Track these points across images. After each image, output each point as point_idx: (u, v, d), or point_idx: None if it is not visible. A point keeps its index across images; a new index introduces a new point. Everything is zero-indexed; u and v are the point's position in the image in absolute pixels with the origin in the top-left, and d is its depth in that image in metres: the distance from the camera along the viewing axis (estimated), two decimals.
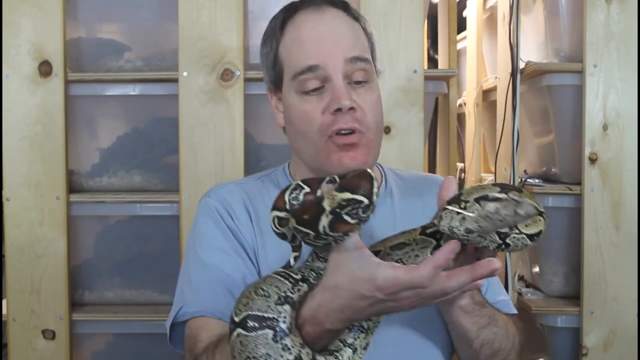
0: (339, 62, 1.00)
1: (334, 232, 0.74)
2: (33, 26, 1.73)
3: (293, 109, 1.03)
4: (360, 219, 0.74)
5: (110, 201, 1.79)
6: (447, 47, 2.18)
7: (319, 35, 1.02)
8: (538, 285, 2.01)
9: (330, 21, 1.03)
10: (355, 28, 1.06)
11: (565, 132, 1.87)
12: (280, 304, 0.77)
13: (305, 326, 0.80)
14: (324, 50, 1.00)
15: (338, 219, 0.73)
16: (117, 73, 1.81)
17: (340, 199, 0.74)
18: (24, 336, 1.75)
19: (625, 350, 1.79)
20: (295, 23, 1.04)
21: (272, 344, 0.75)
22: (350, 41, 1.02)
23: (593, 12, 1.77)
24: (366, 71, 1.03)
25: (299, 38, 1.03)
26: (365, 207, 0.74)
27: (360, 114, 1.00)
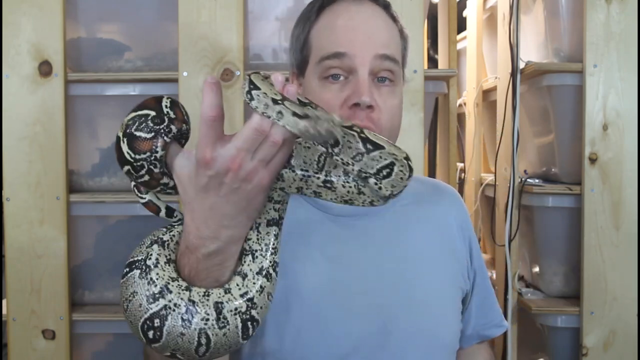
0: (368, 56, 0.97)
1: (140, 153, 0.74)
2: (33, 26, 1.73)
3: (313, 94, 1.01)
4: (154, 130, 0.74)
5: (110, 201, 1.79)
6: (447, 47, 2.18)
7: (354, 25, 0.99)
8: (538, 285, 2.02)
9: (368, 14, 1.01)
10: (392, 28, 1.04)
11: (565, 132, 1.88)
12: (149, 245, 0.78)
13: (183, 259, 0.77)
14: (356, 40, 0.98)
15: (132, 138, 0.73)
16: (117, 73, 1.81)
17: (125, 119, 0.75)
18: (24, 336, 1.75)
19: (625, 350, 1.79)
20: (333, 9, 1.02)
21: (139, 281, 0.75)
22: (384, 38, 1.00)
23: (593, 12, 1.77)
24: (393, 72, 1.00)
25: (333, 24, 1.01)
26: (153, 117, 0.74)
27: (377, 115, 0.98)
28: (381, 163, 0.72)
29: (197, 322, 0.73)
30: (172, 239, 0.80)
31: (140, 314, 0.74)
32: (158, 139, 0.75)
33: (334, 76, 0.98)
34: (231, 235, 0.75)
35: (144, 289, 0.75)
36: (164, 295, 0.74)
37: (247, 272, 0.78)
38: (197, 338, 0.73)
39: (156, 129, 0.74)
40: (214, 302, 0.75)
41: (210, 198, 0.72)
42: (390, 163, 0.72)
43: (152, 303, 0.74)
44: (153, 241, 0.80)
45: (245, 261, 0.79)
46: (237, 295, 0.76)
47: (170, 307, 0.74)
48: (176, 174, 0.76)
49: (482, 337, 1.15)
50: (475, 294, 1.13)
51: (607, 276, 1.78)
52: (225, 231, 0.74)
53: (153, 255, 0.77)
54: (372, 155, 0.71)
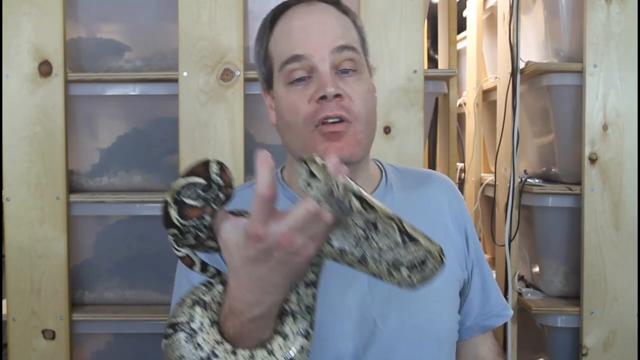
0: (326, 52, 0.99)
1: (186, 220, 0.75)
2: (33, 26, 1.73)
3: (281, 101, 1.02)
4: (204, 198, 0.75)
5: (110, 201, 1.79)
6: (447, 47, 2.18)
7: (306, 25, 1.01)
8: (538, 285, 2.02)
9: (318, 13, 1.03)
10: (345, 21, 1.05)
11: (565, 132, 1.88)
12: (191, 307, 0.79)
13: (227, 322, 0.78)
14: (311, 40, 1.00)
15: (182, 205, 0.74)
16: (117, 73, 1.81)
17: (175, 186, 0.75)
18: (24, 336, 1.75)
19: (625, 350, 1.79)
20: (284, 17, 1.04)
21: (185, 345, 0.76)
22: (337, 32, 1.01)
23: (593, 12, 1.77)
24: (354, 61, 1.01)
25: (287, 30, 1.02)
26: (204, 186, 0.75)
27: (347, 102, 0.98)
28: (415, 257, 0.73)
29: None
30: (213, 300, 0.81)
31: None
32: (207, 207, 0.75)
33: (298, 79, 1.00)
34: (274, 300, 0.77)
35: (190, 354, 0.76)
36: None
37: (288, 333, 0.80)
38: None
39: (205, 197, 0.75)
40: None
41: (257, 269, 0.73)
42: (423, 258, 0.73)
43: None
44: (195, 302, 0.80)
45: (287, 322, 0.81)
46: (279, 357, 0.78)
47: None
48: (222, 240, 0.76)
49: (484, 327, 1.15)
50: (474, 284, 1.13)
51: (607, 276, 1.78)
52: (269, 297, 0.76)
53: (197, 318, 0.78)
54: (407, 248, 0.73)
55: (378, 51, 1.72)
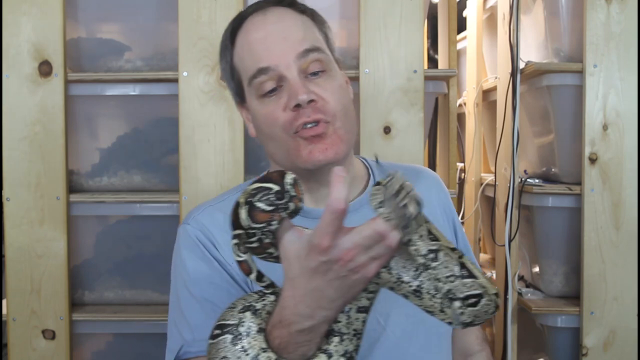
0: (290, 59, 0.98)
1: (255, 222, 0.76)
2: (33, 26, 1.73)
3: (257, 114, 1.02)
4: (275, 205, 0.76)
5: (110, 201, 1.79)
6: (447, 47, 2.18)
7: (266, 36, 1.00)
8: (538, 285, 2.02)
9: (275, 20, 1.02)
10: (303, 21, 1.04)
11: (565, 132, 1.88)
12: (242, 311, 0.80)
13: (275, 332, 0.79)
14: (273, 50, 0.99)
15: (253, 208, 0.76)
16: (117, 73, 1.81)
17: (249, 189, 0.78)
18: (24, 336, 1.75)
19: (625, 350, 1.79)
20: (243, 30, 1.04)
21: (230, 347, 0.78)
22: (298, 36, 1.01)
23: (593, 12, 1.77)
24: (321, 61, 1.01)
25: (248, 43, 1.02)
26: (276, 192, 0.76)
27: (321, 104, 0.98)
28: (471, 291, 0.76)
29: None
30: (263, 308, 0.82)
31: None
32: (276, 213, 0.77)
33: (270, 91, 0.99)
34: (326, 316, 0.77)
35: (235, 356, 0.77)
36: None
37: (333, 353, 0.81)
38: None
39: (277, 203, 0.77)
40: None
41: (315, 280, 0.74)
42: (479, 294, 0.76)
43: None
44: (246, 307, 0.81)
45: (333, 341, 0.81)
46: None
47: None
48: (284, 249, 0.77)
49: None
50: None
51: (607, 276, 1.78)
52: (321, 312, 0.76)
53: (246, 322, 0.79)
54: (464, 282, 0.75)
55: (378, 51, 1.72)
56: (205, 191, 1.71)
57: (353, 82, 1.76)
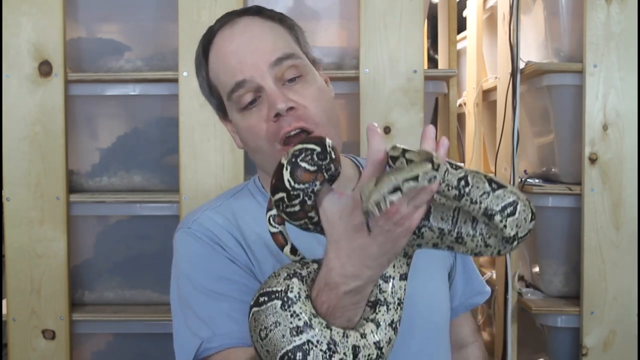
0: (264, 69, 0.98)
1: (298, 183, 0.77)
2: (33, 26, 1.73)
3: (239, 127, 1.02)
4: (318, 165, 0.77)
5: (110, 201, 1.79)
6: (447, 47, 2.18)
7: (236, 49, 1.00)
8: (538, 285, 2.01)
9: (243, 31, 1.01)
10: (272, 28, 1.03)
11: (565, 132, 1.87)
12: (288, 278, 0.79)
13: (322, 296, 0.78)
14: (245, 62, 0.98)
15: (296, 167, 0.77)
16: (117, 73, 1.81)
17: (292, 150, 0.79)
18: (24, 336, 1.75)
19: (625, 350, 1.79)
20: (214, 45, 1.03)
21: (281, 312, 0.76)
22: (268, 44, 1.00)
23: (593, 12, 1.77)
24: (297, 67, 1.00)
25: (220, 58, 1.02)
26: (319, 153, 0.78)
27: (302, 111, 0.97)
28: (505, 201, 0.78)
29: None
30: (308, 275, 0.81)
31: (282, 345, 0.75)
32: (319, 173, 0.78)
33: (250, 103, 0.99)
34: (371, 275, 0.77)
35: (287, 321, 0.76)
36: (307, 331, 0.75)
37: (381, 322, 0.81)
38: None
39: (319, 164, 0.78)
40: (352, 345, 0.77)
41: (360, 238, 0.74)
42: (513, 201, 0.78)
43: (296, 336, 0.75)
44: (291, 274, 0.80)
45: (380, 310, 0.81)
46: (371, 343, 0.79)
47: (313, 342, 0.75)
48: (325, 211, 0.78)
49: (468, 306, 1.18)
50: (458, 265, 1.16)
51: (607, 276, 1.78)
52: (367, 271, 0.76)
53: (294, 288, 0.78)
54: (496, 194, 0.77)
55: (378, 51, 1.72)
56: (205, 191, 1.71)
57: (353, 82, 1.77)
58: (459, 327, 1.18)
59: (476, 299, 1.19)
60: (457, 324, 1.17)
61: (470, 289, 1.17)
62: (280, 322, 0.76)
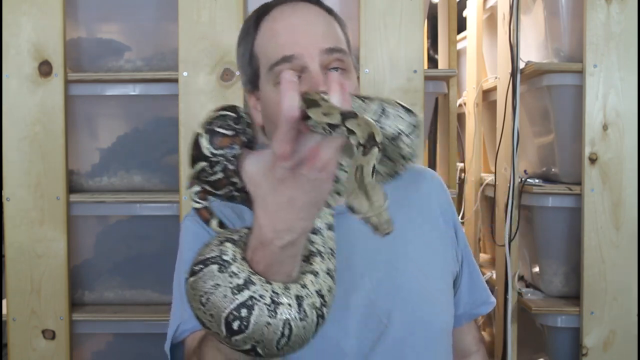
0: (315, 52, 0.99)
1: (218, 148, 0.78)
2: (33, 26, 1.73)
3: (270, 101, 1.02)
4: (235, 129, 0.78)
5: (110, 201, 1.79)
6: (447, 47, 2.18)
7: (293, 26, 1.01)
8: (538, 285, 2.01)
9: (303, 13, 1.03)
10: (329, 20, 1.05)
11: (565, 132, 1.88)
12: (220, 244, 0.79)
13: (257, 255, 0.77)
14: (299, 41, 0.99)
15: (214, 133, 0.78)
16: (117, 73, 1.81)
17: (207, 117, 0.80)
18: (24, 336, 1.75)
19: (625, 350, 1.79)
20: (269, 18, 1.04)
21: (219, 274, 0.75)
22: (324, 32, 1.02)
23: (593, 12, 1.77)
24: (343, 61, 1.02)
25: (274, 30, 1.02)
26: (234, 118, 0.79)
27: None
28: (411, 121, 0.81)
29: (282, 312, 0.75)
30: (241, 239, 0.81)
31: (225, 304, 0.74)
32: (237, 137, 0.79)
33: None
34: (304, 226, 0.77)
35: (226, 282, 0.75)
36: (249, 287, 0.74)
37: (318, 271, 0.81)
38: (282, 328, 0.74)
39: (236, 127, 0.80)
40: (295, 295, 0.76)
41: (286, 191, 0.74)
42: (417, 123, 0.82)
43: (238, 294, 0.74)
44: (223, 240, 0.80)
45: (315, 261, 0.82)
46: (312, 291, 0.78)
47: (256, 297, 0.74)
48: (247, 172, 0.78)
49: (472, 315, 1.18)
50: (463, 274, 1.15)
51: (607, 276, 1.78)
52: (298, 222, 0.76)
53: (229, 251, 0.78)
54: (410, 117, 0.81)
55: (378, 51, 1.72)
56: None
57: None
58: (463, 336, 1.18)
59: (481, 309, 1.18)
60: (460, 332, 1.17)
61: (475, 298, 1.17)
62: (219, 283, 0.75)
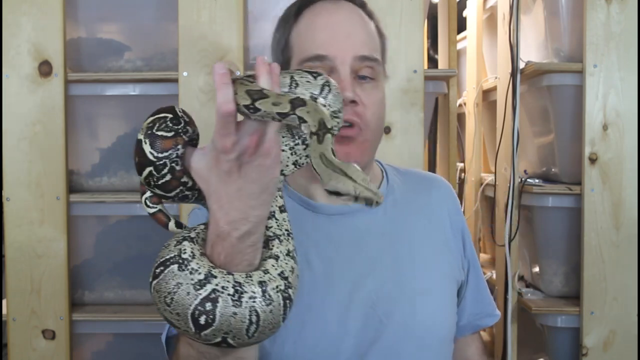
0: (348, 57, 0.99)
1: (161, 152, 0.79)
2: (33, 26, 1.73)
3: None
4: (174, 130, 0.79)
5: (110, 201, 1.79)
6: (447, 47, 2.18)
7: (332, 25, 1.01)
8: (538, 285, 2.01)
9: (345, 14, 1.03)
10: (370, 26, 1.05)
11: (565, 132, 1.88)
12: (178, 244, 0.80)
13: (217, 248, 0.78)
14: (335, 42, 0.99)
15: (154, 137, 0.79)
16: (117, 73, 1.81)
17: (145, 124, 0.80)
18: (24, 336, 1.75)
19: (625, 350, 1.79)
20: (311, 10, 1.04)
21: (179, 273, 0.76)
22: (362, 38, 1.02)
23: (593, 12, 1.77)
24: (374, 69, 1.02)
25: (313, 25, 1.02)
26: (172, 119, 0.80)
27: (361, 109, 0.99)
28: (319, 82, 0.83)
29: (246, 300, 0.75)
30: (198, 236, 0.82)
31: (189, 301, 0.75)
32: (178, 137, 0.79)
33: None
34: (258, 214, 0.77)
35: (187, 279, 0.75)
36: (210, 281, 0.75)
37: (278, 254, 0.82)
38: (249, 316, 0.75)
39: (175, 128, 0.80)
40: (257, 282, 0.77)
41: (234, 182, 0.75)
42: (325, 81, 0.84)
43: (201, 289, 0.75)
44: (180, 240, 0.81)
45: (274, 244, 0.83)
46: (275, 275, 0.79)
47: (219, 290, 0.75)
48: (194, 170, 0.79)
49: (476, 327, 1.17)
50: (469, 284, 1.15)
51: (607, 276, 1.78)
52: (252, 211, 0.77)
53: (187, 250, 0.78)
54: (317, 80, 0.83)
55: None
56: None
57: None
58: (466, 346, 1.18)
59: (485, 321, 1.18)
60: (463, 343, 1.17)
61: (480, 310, 1.16)
62: (181, 282, 0.75)
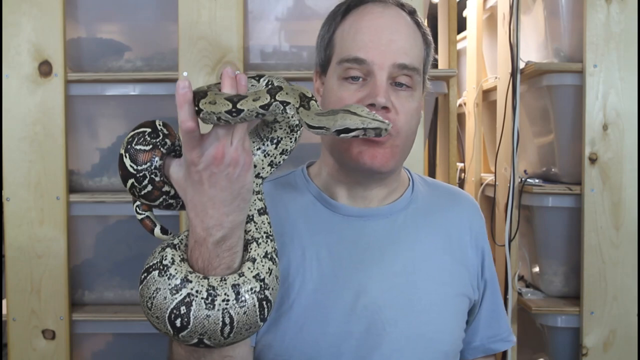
0: (387, 64, 0.98)
1: (140, 164, 0.84)
2: (33, 26, 1.73)
3: (331, 93, 1.02)
4: (152, 143, 0.84)
5: (110, 201, 1.79)
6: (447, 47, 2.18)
7: (376, 29, 1.00)
8: (538, 285, 2.02)
9: (391, 19, 1.02)
10: (416, 35, 1.04)
11: (565, 132, 1.88)
12: (162, 250, 0.85)
13: (195, 253, 0.82)
14: (376, 47, 0.99)
15: (133, 152, 0.84)
16: (117, 73, 1.81)
17: (125, 139, 0.86)
18: (24, 336, 1.75)
19: (625, 350, 1.79)
20: (359, 11, 1.03)
21: (159, 279, 0.83)
22: (404, 46, 1.00)
23: (593, 12, 1.77)
24: (412, 79, 1.01)
25: (357, 26, 1.02)
26: (150, 133, 0.85)
27: (393, 115, 0.98)
28: None
29: (219, 303, 0.80)
30: (181, 242, 0.87)
31: (165, 305, 0.81)
32: (155, 150, 0.84)
33: (353, 77, 1.00)
34: (233, 220, 0.81)
35: (165, 284, 0.82)
36: (185, 285, 0.80)
37: (255, 257, 0.85)
38: (222, 318, 0.79)
39: (153, 142, 0.85)
40: (231, 285, 0.81)
41: (206, 191, 0.79)
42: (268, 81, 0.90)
43: (176, 294, 0.80)
44: (164, 246, 0.86)
45: (252, 248, 0.86)
46: (250, 277, 0.83)
47: (193, 294, 0.80)
48: (173, 180, 0.83)
49: (488, 350, 1.15)
50: (484, 305, 1.14)
51: (607, 276, 1.78)
52: (226, 217, 0.80)
53: (168, 256, 0.84)
54: None
55: None
56: None
57: None
58: None
59: (498, 345, 1.16)
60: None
61: (494, 334, 1.15)
62: (160, 287, 0.82)
